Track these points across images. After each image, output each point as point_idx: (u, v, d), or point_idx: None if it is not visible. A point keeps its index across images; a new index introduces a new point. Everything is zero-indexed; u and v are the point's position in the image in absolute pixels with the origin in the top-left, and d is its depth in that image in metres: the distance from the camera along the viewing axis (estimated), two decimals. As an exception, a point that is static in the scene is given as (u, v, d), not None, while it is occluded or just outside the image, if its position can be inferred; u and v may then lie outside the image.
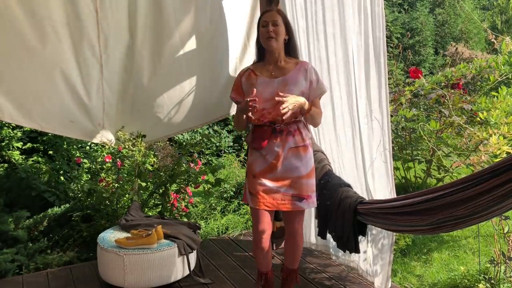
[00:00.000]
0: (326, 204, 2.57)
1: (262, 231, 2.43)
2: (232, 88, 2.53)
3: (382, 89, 2.90)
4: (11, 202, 3.83)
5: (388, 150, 2.85)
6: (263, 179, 2.39)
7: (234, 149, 6.05)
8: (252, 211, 2.46)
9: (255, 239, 2.48)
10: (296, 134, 2.40)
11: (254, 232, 2.48)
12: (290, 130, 2.39)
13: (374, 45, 2.88)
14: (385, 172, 2.86)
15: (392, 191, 2.81)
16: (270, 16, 2.37)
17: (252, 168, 2.44)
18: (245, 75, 2.47)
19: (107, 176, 3.69)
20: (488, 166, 1.68)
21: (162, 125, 3.53)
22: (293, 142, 2.39)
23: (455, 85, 4.26)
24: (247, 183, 2.48)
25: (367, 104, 2.92)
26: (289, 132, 2.38)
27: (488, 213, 1.74)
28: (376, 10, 2.85)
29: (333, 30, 2.90)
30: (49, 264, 3.26)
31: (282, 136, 2.38)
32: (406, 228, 2.24)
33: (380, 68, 2.90)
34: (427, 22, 9.62)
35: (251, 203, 2.44)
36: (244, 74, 2.47)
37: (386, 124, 2.86)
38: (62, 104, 3.07)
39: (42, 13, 2.82)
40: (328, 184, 2.61)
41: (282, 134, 2.38)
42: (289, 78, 2.38)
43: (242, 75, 2.48)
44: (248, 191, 2.45)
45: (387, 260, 2.80)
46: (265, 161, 2.40)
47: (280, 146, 2.37)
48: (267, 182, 2.39)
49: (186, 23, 3.26)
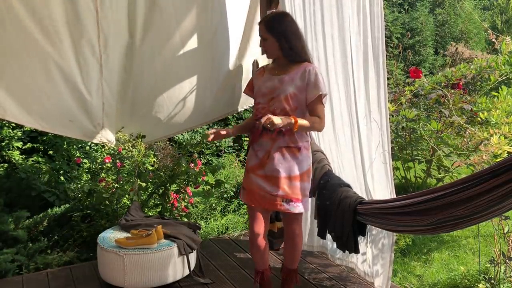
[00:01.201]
0: (326, 204, 2.57)
1: (256, 229, 2.48)
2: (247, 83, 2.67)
3: (381, 90, 2.90)
4: (11, 202, 3.83)
5: (387, 151, 2.85)
6: (254, 175, 2.45)
7: (234, 149, 6.05)
8: (248, 210, 2.53)
9: (250, 237, 2.53)
10: (288, 134, 2.38)
11: (249, 230, 2.52)
12: (282, 129, 2.36)
13: (373, 46, 2.88)
14: (384, 173, 2.86)
15: (392, 192, 2.81)
16: (260, 30, 2.42)
17: (247, 163, 2.53)
18: (258, 71, 2.58)
19: (107, 176, 3.69)
20: (488, 167, 1.68)
21: (162, 125, 3.53)
22: (283, 142, 2.38)
23: (455, 85, 4.26)
24: (243, 178, 2.57)
25: (366, 104, 2.92)
26: (280, 131, 2.37)
27: (488, 213, 1.74)
28: (375, 10, 2.85)
29: (331, 31, 2.89)
30: (49, 264, 3.26)
31: (272, 134, 2.39)
32: (406, 228, 2.24)
33: (378, 69, 2.89)
34: (427, 22, 9.62)
35: (242, 198, 2.53)
36: (258, 70, 2.59)
37: (385, 125, 2.86)
38: (62, 104, 3.07)
39: (42, 12, 2.82)
40: (327, 184, 2.61)
41: (273, 132, 2.38)
42: (287, 77, 2.40)
43: (256, 72, 2.61)
44: (242, 186, 2.54)
45: (388, 260, 2.80)
46: (256, 157, 2.45)
47: (269, 144, 2.40)
48: (257, 178, 2.44)
49: (186, 23, 3.26)
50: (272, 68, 2.49)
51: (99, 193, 3.56)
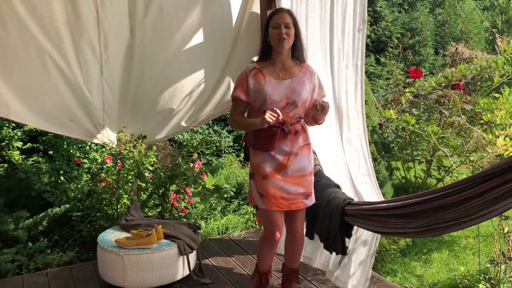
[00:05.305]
0: (315, 204, 2.54)
1: (277, 232, 2.43)
2: (236, 86, 2.44)
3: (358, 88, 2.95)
4: (11, 202, 3.83)
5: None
6: (274, 179, 2.38)
7: (234, 149, 6.04)
8: (265, 213, 2.43)
9: (268, 239, 2.45)
10: (302, 133, 2.43)
11: (267, 232, 2.45)
12: (297, 130, 2.40)
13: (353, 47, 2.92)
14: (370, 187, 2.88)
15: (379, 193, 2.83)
16: (282, 18, 2.35)
17: (261, 169, 2.40)
18: (251, 73, 2.39)
19: (107, 176, 3.69)
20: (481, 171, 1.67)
21: (163, 125, 3.53)
22: (300, 141, 2.42)
23: (456, 86, 4.25)
24: (255, 185, 2.43)
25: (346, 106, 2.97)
26: (296, 132, 2.40)
27: (479, 216, 1.72)
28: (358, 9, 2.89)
29: (313, 31, 2.95)
30: (49, 264, 3.26)
31: (290, 136, 2.39)
32: (394, 230, 2.21)
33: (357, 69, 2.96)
34: (427, 22, 9.61)
35: (262, 205, 2.41)
36: (251, 73, 2.40)
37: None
38: (62, 104, 3.07)
39: (42, 12, 2.82)
40: (317, 184, 2.59)
41: (291, 134, 2.39)
42: (297, 80, 2.39)
43: (248, 74, 2.40)
44: (258, 192, 2.41)
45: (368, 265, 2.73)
46: (274, 161, 2.38)
47: (289, 145, 2.39)
48: (278, 182, 2.38)
49: (187, 22, 3.26)
50: (271, 71, 2.39)
51: (99, 193, 3.56)
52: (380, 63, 8.52)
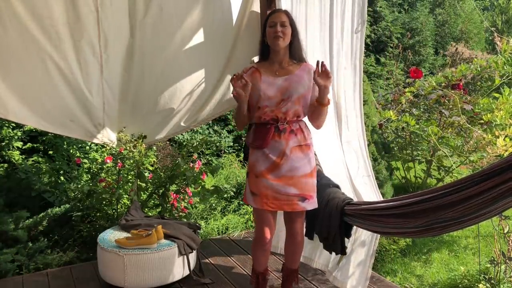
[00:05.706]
0: None
1: (266, 233, 2.42)
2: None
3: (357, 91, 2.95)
4: (11, 202, 3.83)
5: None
6: (266, 179, 2.37)
7: (234, 149, 6.05)
8: (256, 212, 2.44)
9: (258, 239, 2.46)
10: (299, 133, 2.40)
11: (257, 232, 2.46)
12: (293, 129, 2.38)
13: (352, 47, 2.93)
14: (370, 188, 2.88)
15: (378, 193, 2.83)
16: (279, 17, 2.37)
17: (254, 168, 2.41)
18: (248, 72, 2.43)
19: (107, 176, 3.69)
20: (480, 170, 1.66)
21: (163, 125, 3.52)
22: (296, 141, 2.38)
23: (456, 86, 4.26)
24: (248, 184, 2.45)
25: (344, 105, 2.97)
26: (291, 131, 2.38)
27: (479, 215, 1.71)
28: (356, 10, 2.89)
29: (313, 32, 2.94)
30: (49, 264, 3.26)
31: (285, 135, 2.37)
32: (393, 230, 2.20)
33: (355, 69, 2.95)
34: (427, 22, 9.62)
35: (253, 204, 2.41)
36: (248, 72, 2.44)
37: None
38: (62, 104, 3.07)
39: (42, 12, 2.82)
40: (317, 184, 2.59)
41: (285, 132, 2.37)
42: (294, 77, 2.38)
43: (245, 73, 2.43)
44: (250, 191, 2.42)
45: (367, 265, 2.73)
46: (267, 160, 2.37)
47: (283, 144, 2.36)
48: (270, 181, 2.36)
49: (187, 22, 3.26)
50: (268, 70, 2.42)
51: (99, 193, 3.57)
52: (380, 63, 8.52)
